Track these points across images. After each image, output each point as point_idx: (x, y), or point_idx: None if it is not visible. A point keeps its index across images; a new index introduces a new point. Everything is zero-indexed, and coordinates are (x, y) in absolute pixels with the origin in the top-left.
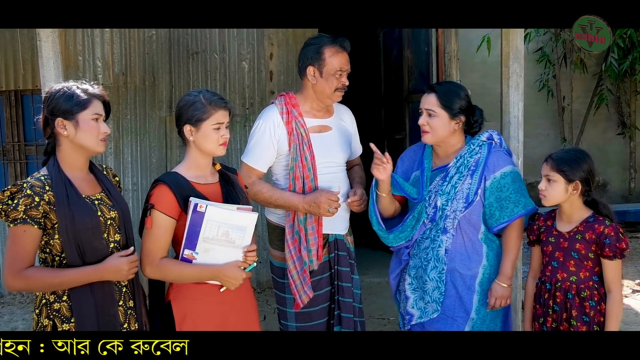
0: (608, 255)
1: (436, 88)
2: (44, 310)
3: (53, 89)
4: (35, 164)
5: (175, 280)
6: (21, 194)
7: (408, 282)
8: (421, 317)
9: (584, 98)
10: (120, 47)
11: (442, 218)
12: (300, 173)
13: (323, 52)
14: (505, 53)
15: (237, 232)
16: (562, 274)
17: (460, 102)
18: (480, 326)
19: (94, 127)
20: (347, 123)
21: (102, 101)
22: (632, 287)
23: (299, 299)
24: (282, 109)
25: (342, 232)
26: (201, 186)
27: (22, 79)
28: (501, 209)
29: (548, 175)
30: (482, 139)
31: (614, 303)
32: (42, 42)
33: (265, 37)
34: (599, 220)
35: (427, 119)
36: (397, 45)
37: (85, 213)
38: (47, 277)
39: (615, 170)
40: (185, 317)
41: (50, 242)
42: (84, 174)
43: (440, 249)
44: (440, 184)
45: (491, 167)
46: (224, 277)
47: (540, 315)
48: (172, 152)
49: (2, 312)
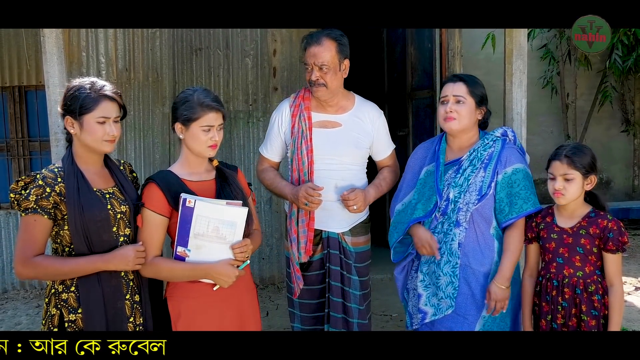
0: (611, 249)
1: (463, 77)
2: (53, 300)
3: (72, 84)
4: (39, 160)
5: (168, 278)
6: (33, 184)
7: (420, 279)
8: (435, 314)
9: (588, 95)
10: (123, 43)
11: (454, 211)
12: (296, 166)
13: (304, 50)
14: (509, 50)
15: (228, 228)
16: (568, 270)
17: (483, 92)
18: (492, 325)
19: (97, 129)
20: (364, 121)
21: (116, 102)
22: (635, 285)
23: (295, 287)
24: (293, 101)
25: (337, 230)
26: (193, 183)
27: (26, 75)
28: (511, 204)
29: (566, 175)
30: (497, 135)
31: (617, 295)
32: (46, 38)
33: (268, 33)
34: (601, 215)
35: (454, 105)
36: (400, 42)
37: (94, 206)
38: (54, 264)
39: (619, 167)
40: (179, 315)
41: (61, 233)
42: (98, 168)
43: (453, 243)
44: (453, 176)
45: (503, 162)
46: (216, 275)
47: (548, 312)
48: (176, 148)
49: (6, 307)
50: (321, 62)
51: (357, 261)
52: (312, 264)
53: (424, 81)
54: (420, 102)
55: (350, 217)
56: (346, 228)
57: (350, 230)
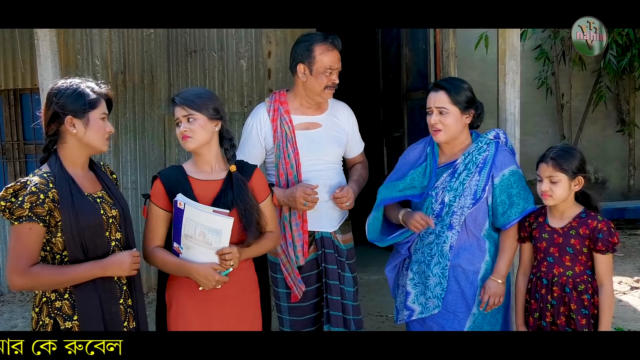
0: (601, 250)
1: (444, 85)
2: (45, 309)
3: (59, 85)
4: (35, 163)
5: (161, 268)
6: (25, 191)
7: (409, 278)
8: (422, 313)
9: (583, 95)
10: (118, 45)
11: (448, 214)
12: (284, 169)
13: (313, 50)
14: (502, 50)
15: (213, 235)
16: (558, 269)
17: (467, 95)
18: (482, 321)
19: (101, 126)
20: (341, 120)
21: (106, 100)
22: (630, 284)
23: (296, 291)
24: (270, 106)
25: (329, 229)
26: (198, 181)
27: (21, 77)
28: (512, 205)
29: (551, 177)
30: (490, 137)
31: (607, 295)
32: (40, 41)
33: (263, 35)
34: (591, 215)
35: (438, 117)
36: (395, 43)
37: (88, 211)
38: (53, 274)
39: (615, 167)
40: (171, 305)
41: (52, 240)
42: (85, 172)
43: (445, 245)
44: (448, 180)
45: (499, 165)
46: (196, 276)
47: (536, 310)
48: (171, 150)
49: (2, 310)
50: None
51: (348, 258)
52: (304, 266)
53: (419, 82)
54: (415, 103)
55: (338, 215)
56: (336, 226)
57: (339, 228)
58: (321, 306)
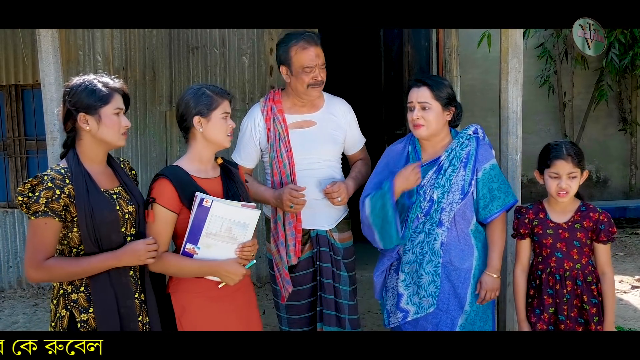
0: (603, 240)
1: (426, 81)
2: (62, 301)
3: (74, 82)
4: (36, 159)
5: (175, 274)
6: (42, 187)
7: (401, 279)
8: (417, 313)
9: (585, 94)
10: (120, 41)
11: (437, 211)
12: (277, 169)
13: (289, 51)
14: (504, 49)
15: (240, 229)
16: (568, 263)
17: (449, 92)
18: (474, 318)
19: (115, 121)
20: (338, 117)
21: (122, 95)
22: (631, 283)
23: (284, 291)
24: (264, 106)
25: (324, 227)
26: (202, 180)
27: (22, 73)
28: (493, 199)
29: (571, 173)
30: (469, 133)
31: (609, 283)
32: (42, 37)
33: (265, 32)
34: (591, 208)
35: (420, 112)
36: (397, 40)
37: (104, 207)
38: (68, 266)
39: (616, 166)
40: (184, 310)
41: (69, 235)
42: (103, 168)
43: (435, 242)
44: (434, 177)
45: (481, 159)
46: (224, 273)
47: (550, 305)
48: (172, 146)
49: (3, 306)
50: (318, 62)
51: (345, 257)
52: (299, 264)
53: None
54: None
55: (335, 213)
56: (333, 224)
57: (336, 226)
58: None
